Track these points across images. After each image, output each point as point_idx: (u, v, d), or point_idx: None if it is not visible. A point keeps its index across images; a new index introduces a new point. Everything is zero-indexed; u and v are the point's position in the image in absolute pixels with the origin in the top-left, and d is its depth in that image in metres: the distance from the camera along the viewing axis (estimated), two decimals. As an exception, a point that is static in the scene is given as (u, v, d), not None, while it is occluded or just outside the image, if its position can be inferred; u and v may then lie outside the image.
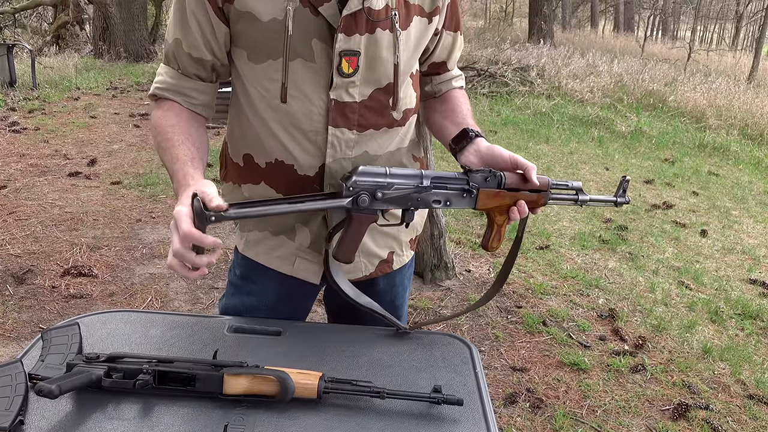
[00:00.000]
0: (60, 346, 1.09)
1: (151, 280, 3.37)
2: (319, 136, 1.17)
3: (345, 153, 1.19)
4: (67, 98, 7.99)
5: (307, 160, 1.19)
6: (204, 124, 1.24)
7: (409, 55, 1.20)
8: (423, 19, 1.19)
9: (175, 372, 1.00)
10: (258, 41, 1.13)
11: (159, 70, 1.22)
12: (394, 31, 1.14)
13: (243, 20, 1.11)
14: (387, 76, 1.17)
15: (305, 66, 1.13)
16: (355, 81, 1.15)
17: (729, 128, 8.45)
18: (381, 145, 1.24)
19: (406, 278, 1.45)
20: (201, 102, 1.22)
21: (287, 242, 1.28)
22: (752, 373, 2.91)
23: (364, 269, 1.33)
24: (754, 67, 13.01)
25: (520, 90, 9.80)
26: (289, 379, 0.99)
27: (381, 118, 1.21)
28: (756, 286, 3.89)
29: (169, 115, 1.18)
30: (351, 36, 1.11)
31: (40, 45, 12.67)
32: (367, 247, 1.30)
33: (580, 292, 3.59)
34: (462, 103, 1.35)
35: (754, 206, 5.54)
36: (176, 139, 1.14)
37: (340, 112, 1.16)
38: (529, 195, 1.18)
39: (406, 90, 1.23)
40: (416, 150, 1.37)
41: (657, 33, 28.83)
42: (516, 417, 2.48)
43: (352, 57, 1.12)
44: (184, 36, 1.15)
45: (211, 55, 1.17)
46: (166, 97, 1.20)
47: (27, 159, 5.33)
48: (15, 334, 2.81)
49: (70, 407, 0.97)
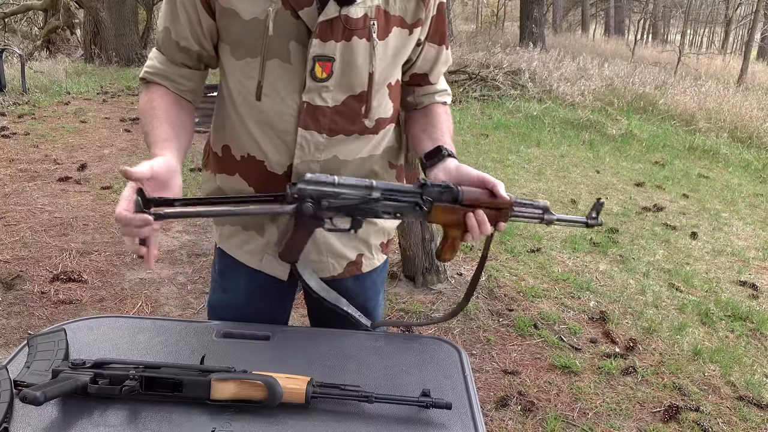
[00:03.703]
0: (46, 352, 1.08)
1: (141, 286, 3.35)
2: (289, 137, 1.19)
3: (314, 155, 1.21)
4: (57, 103, 7.95)
5: (276, 158, 1.22)
6: (190, 108, 1.26)
7: (386, 65, 1.20)
8: (404, 30, 1.19)
9: (162, 378, 0.99)
10: (239, 38, 1.15)
11: (150, 55, 1.25)
12: (371, 41, 1.15)
13: (226, 16, 1.14)
14: (361, 84, 1.18)
15: (281, 67, 1.15)
16: (328, 86, 1.16)
17: (719, 131, 8.51)
18: (351, 151, 1.24)
19: (378, 281, 1.44)
20: (188, 88, 1.24)
21: (257, 237, 1.31)
22: (742, 375, 2.92)
23: (331, 269, 1.33)
24: (743, 71, 13.12)
25: (511, 93, 9.84)
26: (277, 384, 0.99)
27: (352, 124, 1.22)
28: (746, 287, 3.91)
29: (154, 97, 1.21)
30: (326, 42, 1.12)
31: (30, 49, 12.63)
32: (334, 247, 1.31)
33: (571, 294, 3.60)
34: (442, 121, 1.33)
35: (744, 208, 5.58)
36: (155, 122, 1.17)
37: (311, 115, 1.18)
38: (488, 211, 1.15)
39: (380, 99, 1.23)
40: (394, 158, 1.36)
41: (647, 37, 29.00)
42: (507, 420, 2.48)
43: (326, 62, 1.14)
44: (173, 25, 1.19)
45: (198, 46, 1.20)
46: (154, 81, 1.23)
47: (16, 164, 5.30)
48: (3, 340, 2.78)
49: (56, 414, 0.96)
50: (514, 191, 5.43)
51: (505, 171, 6.10)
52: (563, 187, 5.71)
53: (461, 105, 9.19)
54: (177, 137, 1.16)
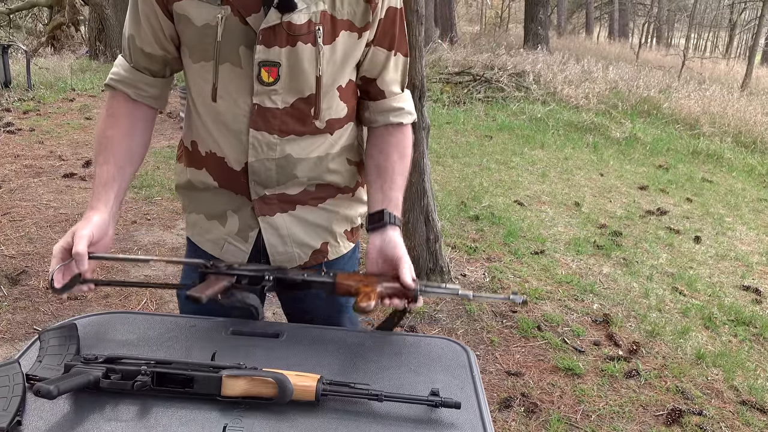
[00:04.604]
0: (58, 347, 1.09)
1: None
2: (243, 136, 1.23)
3: (267, 154, 1.24)
4: (62, 99, 7.97)
5: (234, 155, 1.26)
6: (151, 115, 1.31)
7: (335, 68, 1.22)
8: (353, 33, 1.20)
9: (174, 373, 1.00)
10: (193, 43, 1.19)
11: (116, 62, 1.29)
12: (316, 46, 1.16)
13: (181, 22, 1.18)
14: (309, 87, 1.20)
15: (233, 71, 1.18)
16: (277, 89, 1.19)
17: (723, 135, 8.50)
18: (305, 149, 1.27)
19: (347, 268, 1.45)
20: (150, 94, 1.28)
21: (218, 227, 1.35)
22: (745, 379, 2.92)
23: (298, 259, 1.36)
24: (748, 75, 13.10)
25: (515, 95, 9.84)
26: (288, 382, 0.99)
27: (303, 125, 1.24)
28: (749, 292, 3.91)
29: (113, 112, 1.26)
30: (270, 48, 1.15)
31: (35, 46, 12.64)
32: (297, 237, 1.34)
33: (575, 297, 3.60)
34: (394, 159, 1.32)
35: (748, 213, 5.58)
36: (103, 156, 1.23)
37: (261, 117, 1.21)
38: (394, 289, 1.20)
39: (330, 101, 1.25)
40: (353, 155, 1.37)
41: (651, 40, 28.97)
42: (511, 421, 2.48)
43: (272, 67, 1.16)
44: (137, 32, 1.22)
45: (162, 50, 1.23)
46: (118, 88, 1.27)
47: (22, 160, 5.32)
48: (9, 336, 2.79)
49: (68, 408, 0.97)
50: (518, 193, 5.44)
51: (509, 173, 6.10)
52: (567, 189, 5.72)
53: (465, 106, 9.20)
54: (119, 176, 1.23)
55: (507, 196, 5.34)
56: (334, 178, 1.34)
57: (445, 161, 6.29)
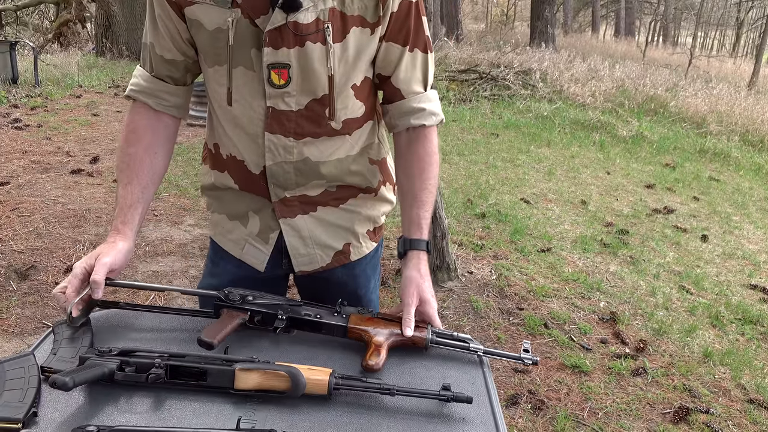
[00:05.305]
0: (72, 339, 1.10)
1: (153, 278, 3.37)
2: (259, 140, 1.22)
3: (285, 157, 1.23)
4: (69, 96, 7.99)
5: (252, 159, 1.26)
6: (173, 124, 1.30)
7: (347, 66, 1.18)
8: (365, 29, 1.16)
9: (187, 366, 1.01)
10: (206, 47, 1.18)
11: (135, 72, 1.28)
12: (326, 44, 1.13)
13: (193, 27, 1.17)
14: (322, 87, 1.18)
15: (246, 74, 1.17)
16: (289, 91, 1.17)
17: (730, 134, 8.47)
18: (323, 152, 1.25)
19: (368, 268, 1.45)
20: (172, 103, 1.27)
21: (240, 227, 1.35)
22: (752, 378, 2.92)
23: (320, 260, 1.36)
24: (755, 74, 13.05)
25: (522, 93, 9.82)
26: (301, 375, 1.00)
27: (318, 127, 1.22)
28: (756, 291, 3.90)
29: (134, 127, 1.25)
30: (278, 49, 1.13)
31: (41, 42, 12.68)
32: (320, 239, 1.34)
33: (582, 295, 3.60)
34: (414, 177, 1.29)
35: (755, 212, 5.56)
36: (126, 175, 1.23)
37: (276, 119, 1.20)
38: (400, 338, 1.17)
39: (345, 101, 1.22)
40: (375, 153, 1.35)
41: (658, 39, 28.87)
42: (518, 418, 2.48)
43: (281, 69, 1.15)
44: (156, 39, 1.22)
45: (182, 55, 1.23)
46: (139, 99, 1.26)
47: (29, 156, 5.34)
48: (18, 330, 2.81)
49: (83, 400, 0.98)
50: (525, 191, 5.43)
51: (515, 170, 6.10)
52: (573, 187, 5.71)
53: (471, 104, 9.18)
54: (143, 197, 1.24)
55: (513, 194, 5.33)
56: (356, 180, 1.33)
57: (452, 159, 6.29)
